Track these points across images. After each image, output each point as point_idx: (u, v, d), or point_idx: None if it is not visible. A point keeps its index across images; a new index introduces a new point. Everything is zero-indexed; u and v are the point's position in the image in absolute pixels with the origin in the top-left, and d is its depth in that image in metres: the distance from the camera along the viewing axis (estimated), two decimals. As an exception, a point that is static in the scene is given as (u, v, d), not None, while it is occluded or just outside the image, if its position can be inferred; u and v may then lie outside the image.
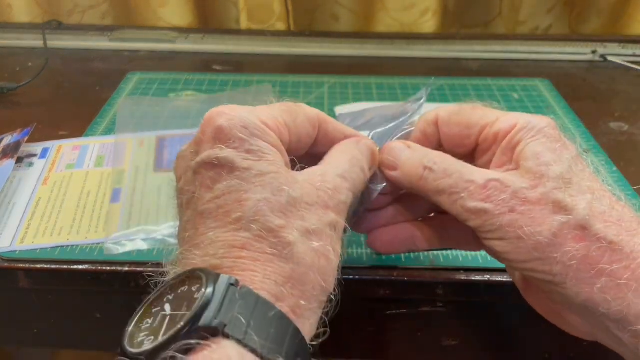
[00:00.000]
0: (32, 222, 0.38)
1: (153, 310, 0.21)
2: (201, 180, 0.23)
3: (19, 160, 0.44)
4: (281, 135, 0.26)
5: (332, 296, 0.24)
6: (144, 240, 0.37)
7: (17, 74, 0.60)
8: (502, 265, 0.35)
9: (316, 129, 0.27)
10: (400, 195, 0.31)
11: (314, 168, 0.26)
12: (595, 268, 0.23)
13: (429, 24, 0.75)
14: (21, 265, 0.35)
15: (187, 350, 0.19)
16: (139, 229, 0.38)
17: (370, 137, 0.31)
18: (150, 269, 0.24)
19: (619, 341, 0.24)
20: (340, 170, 0.26)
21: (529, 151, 0.26)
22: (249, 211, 0.22)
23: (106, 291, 0.36)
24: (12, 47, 0.67)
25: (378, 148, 0.30)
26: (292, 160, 0.26)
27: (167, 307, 0.21)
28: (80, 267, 0.35)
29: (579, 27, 0.78)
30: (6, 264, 0.35)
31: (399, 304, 0.37)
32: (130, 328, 0.21)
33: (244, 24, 0.76)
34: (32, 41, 0.67)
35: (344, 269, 0.34)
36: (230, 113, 0.25)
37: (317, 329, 0.24)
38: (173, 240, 0.37)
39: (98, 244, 0.37)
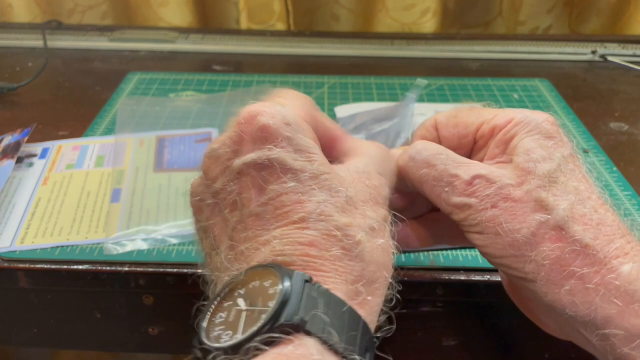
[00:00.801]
0: (32, 222, 0.38)
1: (225, 305, 0.21)
2: (250, 181, 0.23)
3: (19, 160, 0.44)
4: (314, 129, 0.25)
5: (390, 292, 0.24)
6: (143, 240, 0.37)
7: (17, 74, 0.60)
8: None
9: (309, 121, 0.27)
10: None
11: (353, 163, 0.26)
12: (566, 270, 0.23)
13: (429, 24, 0.75)
14: (21, 265, 0.35)
15: (269, 344, 0.19)
16: (138, 229, 0.38)
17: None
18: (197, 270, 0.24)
19: (589, 342, 0.24)
20: (377, 167, 0.26)
21: (521, 146, 0.26)
22: (313, 211, 0.22)
23: (106, 291, 0.36)
24: (12, 47, 0.67)
25: None
26: None
27: (241, 301, 0.21)
28: (80, 267, 0.35)
29: (578, 27, 0.78)
30: (6, 264, 0.35)
31: (399, 303, 0.37)
32: (205, 323, 0.21)
33: (244, 24, 0.76)
34: (32, 41, 0.67)
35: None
36: (270, 110, 0.23)
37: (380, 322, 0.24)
38: (174, 240, 0.37)
39: (98, 244, 0.37)
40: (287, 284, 0.20)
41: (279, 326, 0.19)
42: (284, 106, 0.24)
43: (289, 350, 0.19)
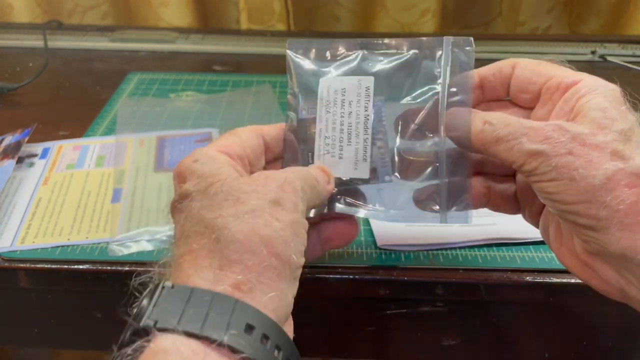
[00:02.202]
0: (33, 222, 0.39)
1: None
2: (174, 220, 0.27)
3: (20, 161, 0.44)
4: (235, 154, 0.29)
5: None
6: (148, 241, 0.37)
7: (18, 74, 0.60)
8: (501, 266, 0.35)
9: (260, 137, 0.31)
10: None
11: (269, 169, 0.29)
12: None
13: (428, 24, 0.75)
14: (22, 265, 0.35)
15: (137, 351, 0.21)
16: (143, 230, 0.38)
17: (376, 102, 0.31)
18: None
19: None
20: (282, 172, 0.28)
21: (596, 103, 0.26)
22: (194, 220, 0.25)
23: (106, 291, 0.36)
24: (12, 47, 0.67)
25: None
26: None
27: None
28: (81, 267, 0.35)
29: (578, 28, 0.78)
30: (7, 264, 0.35)
31: (399, 303, 0.37)
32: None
33: (244, 24, 0.76)
34: (33, 41, 0.67)
35: (345, 268, 0.35)
36: (185, 157, 0.28)
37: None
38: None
39: (98, 243, 0.37)
40: (145, 299, 0.22)
41: (135, 335, 0.21)
42: (207, 147, 0.29)
43: (146, 355, 0.21)
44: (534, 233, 0.37)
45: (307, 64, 0.33)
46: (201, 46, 0.68)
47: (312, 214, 0.30)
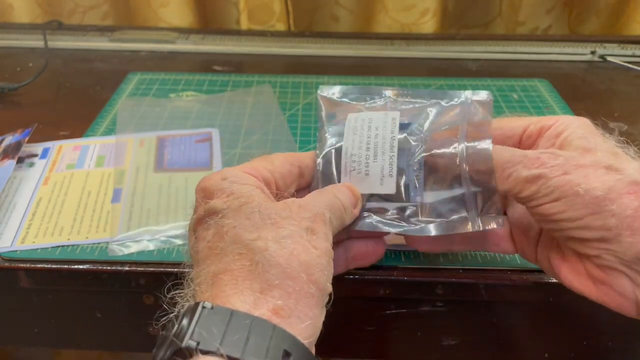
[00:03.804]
0: (33, 222, 0.39)
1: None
2: (198, 235, 0.26)
3: (20, 161, 0.44)
4: (262, 177, 0.29)
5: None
6: (148, 240, 0.37)
7: (18, 74, 0.60)
8: (501, 266, 0.35)
9: (295, 167, 0.30)
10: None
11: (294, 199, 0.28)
12: None
13: (428, 25, 0.75)
14: (22, 265, 0.35)
15: None
16: (143, 230, 0.38)
17: (398, 114, 0.32)
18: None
19: None
20: (314, 200, 0.28)
21: (577, 134, 0.28)
22: (229, 239, 0.25)
23: (107, 291, 0.36)
24: (12, 47, 0.67)
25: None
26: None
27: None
28: (81, 267, 0.35)
29: (578, 28, 0.79)
30: (7, 264, 0.36)
31: (399, 303, 0.37)
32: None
33: (244, 24, 0.76)
34: (33, 41, 0.67)
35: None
36: (212, 174, 0.28)
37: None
38: (178, 241, 0.37)
39: (99, 243, 0.37)
40: (185, 319, 0.22)
41: (177, 352, 0.21)
42: (233, 167, 0.29)
43: None
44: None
45: (336, 104, 0.34)
46: (201, 46, 0.68)
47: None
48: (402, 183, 0.31)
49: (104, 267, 0.35)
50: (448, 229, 0.30)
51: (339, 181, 0.31)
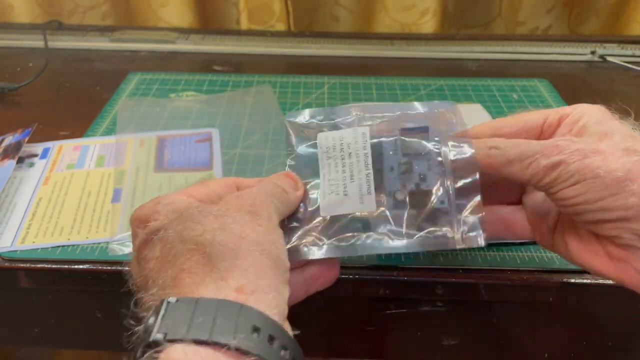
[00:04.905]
0: (33, 222, 0.39)
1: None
2: (145, 257, 0.26)
3: (20, 161, 0.44)
4: (197, 198, 0.28)
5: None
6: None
7: (18, 74, 0.60)
8: (501, 265, 0.35)
9: (233, 187, 0.30)
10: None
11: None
12: None
13: (428, 25, 0.75)
14: (22, 265, 0.35)
15: None
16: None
17: (368, 129, 0.32)
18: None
19: None
20: (251, 191, 0.29)
21: (593, 120, 0.29)
22: (177, 243, 0.25)
23: (107, 291, 0.36)
24: (12, 47, 0.67)
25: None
26: None
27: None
28: (81, 266, 0.35)
29: (578, 28, 0.79)
30: (7, 264, 0.36)
31: (399, 303, 0.37)
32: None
33: (244, 24, 0.76)
34: (33, 41, 0.67)
35: (345, 268, 0.35)
36: (144, 204, 0.28)
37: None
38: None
39: (99, 243, 0.37)
40: (152, 317, 0.22)
41: (147, 350, 0.22)
42: (170, 193, 0.29)
43: None
44: (534, 233, 0.37)
45: (304, 127, 0.34)
46: (201, 46, 0.68)
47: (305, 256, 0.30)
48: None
49: (104, 267, 0.35)
50: (425, 246, 0.30)
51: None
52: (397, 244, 0.30)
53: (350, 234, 0.31)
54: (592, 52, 0.66)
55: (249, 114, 0.52)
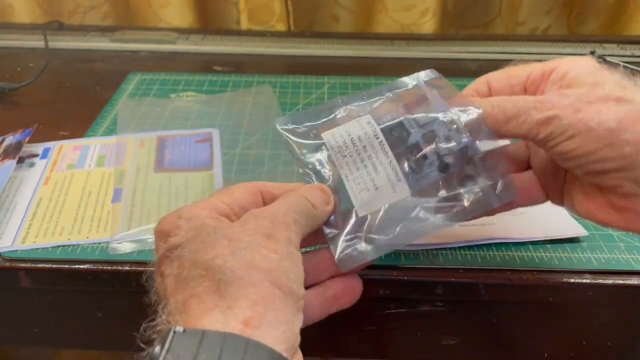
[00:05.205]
0: (34, 221, 0.39)
1: None
2: (163, 272, 0.26)
3: (21, 161, 0.44)
4: (218, 211, 0.28)
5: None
6: (149, 240, 0.37)
7: (18, 74, 0.60)
8: (501, 265, 0.35)
9: (258, 195, 0.30)
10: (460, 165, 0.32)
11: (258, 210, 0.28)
12: None
13: (428, 25, 0.76)
14: (22, 265, 0.36)
15: None
16: (143, 229, 0.38)
17: (368, 118, 0.32)
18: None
19: None
20: (273, 207, 0.28)
21: (583, 71, 0.29)
22: (190, 265, 0.25)
23: (107, 291, 0.37)
24: (13, 48, 0.67)
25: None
26: None
27: None
28: (81, 266, 0.35)
29: (577, 28, 0.79)
30: (7, 264, 0.36)
31: (399, 303, 0.37)
32: None
33: (245, 24, 0.76)
34: (33, 42, 0.67)
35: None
36: (168, 215, 0.28)
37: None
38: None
39: (99, 243, 0.37)
40: (157, 346, 0.22)
41: None
42: (190, 205, 0.28)
43: None
44: (534, 233, 0.37)
45: (302, 133, 0.33)
46: (201, 46, 0.68)
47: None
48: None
49: (105, 267, 0.35)
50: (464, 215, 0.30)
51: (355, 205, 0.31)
52: (439, 219, 0.30)
53: (394, 225, 0.30)
54: (592, 53, 0.66)
55: (249, 114, 0.53)
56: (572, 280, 0.34)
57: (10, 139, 0.46)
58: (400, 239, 0.30)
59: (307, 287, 0.28)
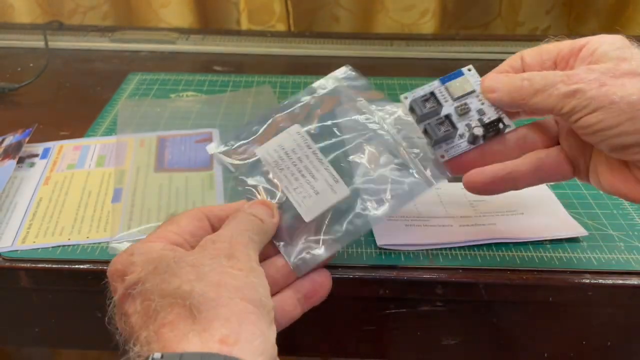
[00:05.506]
0: (34, 222, 0.39)
1: None
2: (126, 312, 0.26)
3: (21, 161, 0.44)
4: (169, 242, 0.29)
5: None
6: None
7: (19, 74, 0.61)
8: (501, 265, 0.35)
9: (204, 220, 0.31)
10: (491, 139, 0.33)
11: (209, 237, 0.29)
12: None
13: (428, 25, 0.76)
14: (22, 265, 0.36)
15: None
16: (144, 228, 0.38)
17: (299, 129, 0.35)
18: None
19: None
20: (227, 229, 0.29)
21: (612, 46, 0.29)
22: (156, 298, 0.25)
23: (107, 290, 0.36)
24: (13, 48, 0.67)
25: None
26: None
27: None
28: (81, 266, 0.35)
29: (577, 28, 0.79)
30: (7, 264, 0.36)
31: (399, 303, 0.37)
32: None
33: (245, 24, 0.76)
34: (34, 42, 0.67)
35: (345, 268, 0.35)
36: (119, 254, 0.28)
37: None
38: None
39: (99, 243, 0.37)
40: None
41: None
42: (139, 242, 0.29)
43: None
44: (534, 233, 0.37)
45: (237, 153, 0.36)
46: (201, 47, 0.68)
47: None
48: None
49: (105, 267, 0.35)
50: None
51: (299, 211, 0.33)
52: (381, 210, 0.32)
53: (341, 223, 0.32)
54: (592, 53, 0.66)
55: (249, 114, 0.53)
56: (572, 280, 0.35)
57: (10, 139, 0.46)
58: (348, 235, 0.32)
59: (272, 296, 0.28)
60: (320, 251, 0.31)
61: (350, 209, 0.32)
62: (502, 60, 0.35)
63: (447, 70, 0.67)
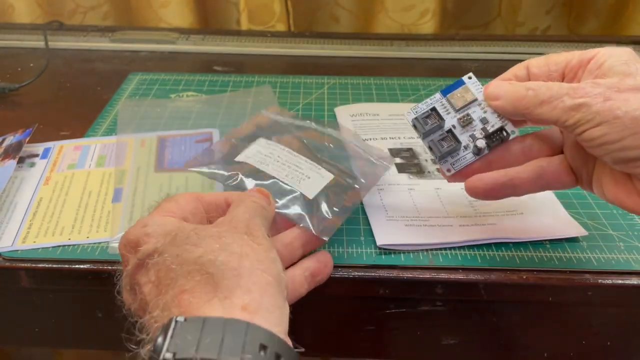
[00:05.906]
0: (34, 221, 0.39)
1: None
2: (139, 282, 0.27)
3: (21, 161, 0.44)
4: (178, 216, 0.30)
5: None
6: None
7: (19, 75, 0.61)
8: (501, 265, 0.35)
9: (198, 202, 0.31)
10: (496, 147, 0.34)
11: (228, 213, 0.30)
12: None
13: (428, 25, 0.76)
14: (23, 265, 0.36)
15: None
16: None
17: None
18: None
19: None
20: (239, 211, 0.30)
21: (619, 60, 0.30)
22: (176, 266, 0.25)
23: (107, 290, 0.36)
24: (13, 48, 0.67)
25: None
26: None
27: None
28: (82, 266, 0.35)
29: (577, 28, 0.79)
30: (8, 264, 0.36)
31: (399, 303, 0.37)
32: None
33: (245, 24, 0.76)
34: (34, 42, 0.67)
35: (345, 267, 0.35)
36: (130, 228, 0.29)
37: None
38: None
39: (99, 243, 0.37)
40: (160, 337, 0.22)
41: None
42: (148, 216, 0.30)
43: None
44: (534, 233, 0.37)
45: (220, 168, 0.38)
46: (202, 47, 0.68)
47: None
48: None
49: (105, 267, 0.35)
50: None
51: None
52: (365, 184, 0.39)
53: (340, 197, 0.36)
54: (592, 53, 0.66)
55: (249, 115, 0.53)
56: (572, 280, 0.35)
57: (10, 139, 0.46)
58: (351, 204, 0.36)
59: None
60: (335, 216, 0.35)
61: (346, 187, 0.37)
62: (502, 61, 0.35)
63: (447, 70, 0.68)
